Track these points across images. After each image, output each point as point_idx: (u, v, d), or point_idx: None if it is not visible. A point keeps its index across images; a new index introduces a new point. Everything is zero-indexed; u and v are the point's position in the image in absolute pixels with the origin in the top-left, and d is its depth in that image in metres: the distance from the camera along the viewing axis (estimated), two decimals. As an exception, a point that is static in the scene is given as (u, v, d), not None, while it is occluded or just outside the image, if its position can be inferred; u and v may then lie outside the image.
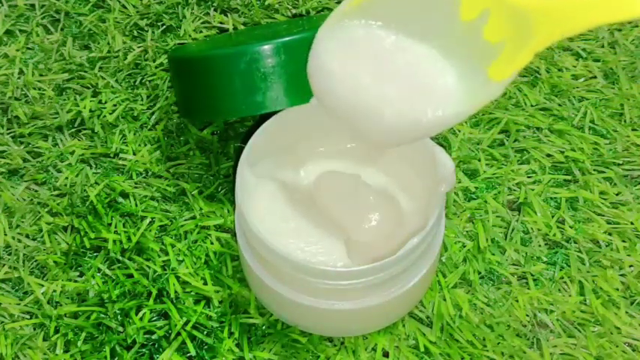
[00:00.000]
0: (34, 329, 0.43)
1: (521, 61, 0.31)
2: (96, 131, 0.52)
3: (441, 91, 0.33)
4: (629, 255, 0.45)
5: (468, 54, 0.32)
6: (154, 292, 0.44)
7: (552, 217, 0.47)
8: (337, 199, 0.42)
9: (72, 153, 0.50)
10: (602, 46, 0.57)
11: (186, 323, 0.42)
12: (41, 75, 0.55)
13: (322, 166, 0.44)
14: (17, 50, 0.57)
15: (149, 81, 0.55)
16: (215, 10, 0.59)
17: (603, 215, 0.47)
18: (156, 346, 0.42)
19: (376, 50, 0.34)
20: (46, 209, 0.48)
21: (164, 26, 0.58)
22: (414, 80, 0.34)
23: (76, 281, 0.45)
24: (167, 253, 0.45)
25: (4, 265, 0.45)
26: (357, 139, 0.38)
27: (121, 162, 0.50)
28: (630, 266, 0.45)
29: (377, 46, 0.34)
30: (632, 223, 0.46)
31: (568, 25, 0.28)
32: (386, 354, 0.42)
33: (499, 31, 0.31)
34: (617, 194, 0.48)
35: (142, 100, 0.54)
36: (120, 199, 0.48)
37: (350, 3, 0.34)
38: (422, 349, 0.41)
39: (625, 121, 0.52)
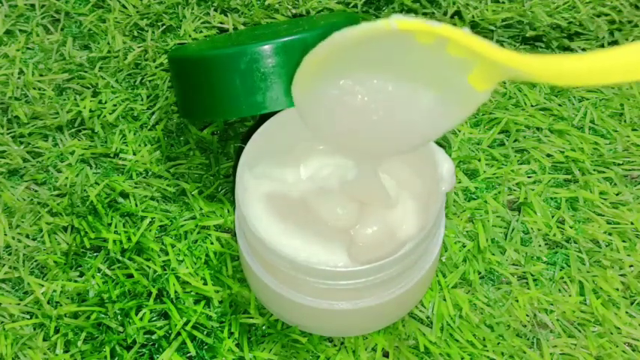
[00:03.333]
0: (34, 329, 0.43)
1: (499, 75, 0.31)
2: (96, 131, 0.52)
3: (428, 115, 0.34)
4: (629, 255, 0.45)
5: (442, 70, 0.32)
6: (154, 292, 0.44)
7: (552, 217, 0.47)
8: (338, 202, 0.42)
9: (72, 153, 0.50)
10: (602, 46, 0.57)
11: (186, 323, 0.42)
12: (41, 75, 0.55)
13: (322, 166, 0.44)
14: (17, 50, 0.57)
15: (149, 81, 0.55)
16: (215, 10, 0.59)
17: (603, 215, 0.47)
18: (156, 346, 0.42)
19: (355, 103, 0.35)
20: (46, 209, 0.48)
21: (164, 26, 0.58)
22: (402, 116, 0.34)
23: (76, 281, 0.45)
24: (167, 253, 0.45)
25: (4, 265, 0.45)
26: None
27: (121, 162, 0.50)
28: (630, 266, 0.45)
29: (354, 99, 0.35)
30: (632, 223, 0.46)
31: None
32: (386, 354, 0.42)
33: (462, 51, 0.31)
34: (617, 194, 0.48)
35: (142, 100, 0.54)
36: (120, 199, 0.48)
37: (308, 67, 0.34)
38: (422, 349, 0.41)
39: (625, 121, 0.52)
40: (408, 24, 0.30)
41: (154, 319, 0.43)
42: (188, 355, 0.42)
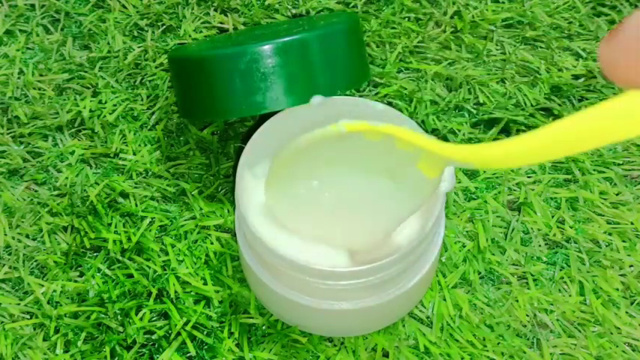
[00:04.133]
0: (34, 329, 0.43)
1: (442, 164, 0.33)
2: (96, 131, 0.52)
3: (390, 203, 0.37)
4: (629, 255, 0.45)
5: (395, 161, 0.35)
6: (154, 292, 0.44)
7: (552, 217, 0.47)
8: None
9: (72, 153, 0.51)
10: (602, 46, 0.57)
11: (186, 323, 0.42)
12: (41, 75, 0.55)
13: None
14: (17, 50, 0.57)
15: (149, 81, 0.55)
16: (215, 10, 0.59)
17: (603, 215, 0.47)
18: (156, 346, 0.42)
19: (323, 199, 0.39)
20: (46, 209, 0.48)
21: (164, 26, 0.58)
22: (367, 206, 0.38)
23: (76, 281, 0.45)
24: (167, 253, 0.45)
25: (4, 265, 0.45)
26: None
27: (121, 162, 0.50)
28: (630, 266, 0.45)
29: (321, 196, 0.39)
30: (632, 223, 0.46)
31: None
32: (386, 354, 0.42)
33: (406, 145, 0.34)
34: (617, 194, 0.48)
35: (142, 100, 0.54)
36: (120, 199, 0.48)
37: (275, 171, 0.38)
38: (422, 349, 0.41)
39: (625, 121, 0.52)
40: (354, 126, 0.34)
41: (154, 319, 0.43)
42: (188, 355, 0.42)
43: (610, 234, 0.46)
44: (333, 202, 0.39)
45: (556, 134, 0.24)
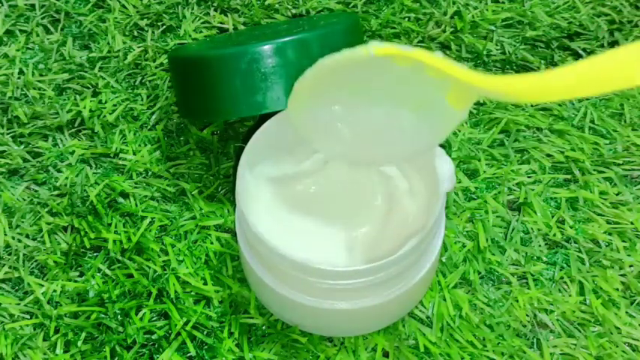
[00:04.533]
0: (34, 329, 0.43)
1: (472, 96, 0.33)
2: (96, 131, 0.52)
3: (414, 130, 0.36)
4: (629, 255, 0.45)
5: (422, 90, 0.35)
6: (154, 292, 0.44)
7: (552, 217, 0.47)
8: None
9: (72, 153, 0.50)
10: (602, 46, 0.57)
11: (186, 323, 0.42)
12: (41, 75, 0.55)
13: (322, 166, 0.44)
14: (17, 50, 0.57)
15: (149, 81, 0.55)
16: (215, 10, 0.59)
17: (603, 215, 0.47)
18: (156, 346, 0.42)
19: (347, 125, 0.38)
20: (46, 209, 0.48)
21: (164, 26, 0.58)
22: (390, 134, 0.37)
23: (76, 281, 0.45)
24: (167, 253, 0.45)
25: (4, 265, 0.45)
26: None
27: (121, 162, 0.50)
28: (630, 266, 0.45)
29: (345, 122, 0.38)
30: (632, 223, 0.46)
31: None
32: (386, 354, 0.42)
33: (436, 72, 0.33)
34: (617, 194, 0.48)
35: (142, 100, 0.54)
36: (120, 199, 0.48)
37: (300, 91, 0.37)
38: (422, 349, 0.41)
39: (625, 121, 0.52)
40: (384, 50, 0.33)
41: (154, 319, 0.43)
42: (188, 355, 0.42)
43: (610, 234, 0.46)
44: (353, 129, 0.37)
45: (588, 70, 0.24)
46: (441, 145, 0.39)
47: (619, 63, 0.23)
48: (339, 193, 0.43)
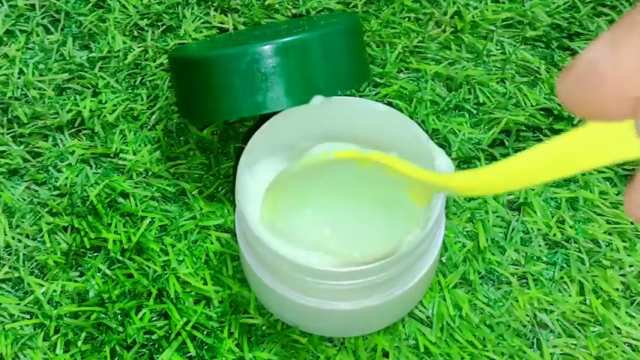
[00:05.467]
0: (34, 329, 0.43)
1: (429, 192, 0.35)
2: (96, 131, 0.52)
3: (382, 228, 0.39)
4: (629, 255, 0.45)
5: (385, 188, 0.36)
6: (154, 292, 0.44)
7: (552, 217, 0.47)
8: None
9: (72, 153, 0.50)
10: (602, 46, 0.57)
11: (186, 323, 0.42)
12: (41, 75, 0.55)
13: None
14: (17, 50, 0.57)
15: (149, 81, 0.55)
16: (215, 10, 0.59)
17: (603, 215, 0.47)
18: (156, 346, 0.42)
19: (321, 224, 0.40)
20: (46, 209, 0.48)
21: (164, 26, 0.58)
22: (364, 230, 0.39)
23: (76, 281, 0.45)
24: (167, 253, 0.45)
25: (4, 265, 0.45)
26: None
27: (121, 162, 0.50)
28: (630, 266, 0.45)
29: (312, 224, 0.40)
30: (632, 223, 0.46)
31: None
32: (386, 354, 0.42)
33: (395, 173, 0.35)
34: (617, 194, 0.48)
35: (142, 100, 0.54)
36: (120, 199, 0.48)
37: (270, 198, 0.39)
38: (422, 350, 0.41)
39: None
40: (343, 154, 0.36)
41: (154, 319, 0.43)
42: (188, 355, 0.42)
43: (610, 234, 0.46)
44: (326, 229, 0.40)
45: (526, 163, 0.25)
46: (441, 145, 0.39)
47: (549, 156, 0.23)
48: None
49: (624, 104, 0.18)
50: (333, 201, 0.39)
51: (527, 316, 0.43)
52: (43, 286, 0.44)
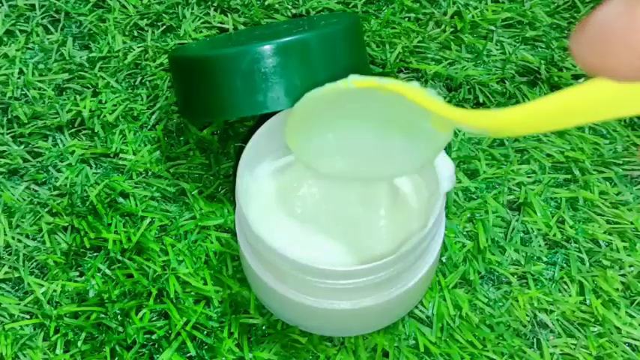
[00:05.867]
0: (34, 329, 0.43)
1: (452, 113, 0.34)
2: (96, 131, 0.52)
3: (403, 152, 0.38)
4: (629, 255, 0.45)
5: (408, 115, 0.36)
6: (154, 292, 0.44)
7: (552, 217, 0.47)
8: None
9: (72, 153, 0.50)
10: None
11: (186, 323, 0.42)
12: (41, 75, 0.55)
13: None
14: (17, 50, 0.57)
15: (149, 81, 0.55)
16: (215, 10, 0.59)
17: (603, 215, 0.47)
18: (156, 346, 0.42)
19: (342, 149, 0.40)
20: (46, 209, 0.48)
21: (164, 26, 0.58)
22: (383, 155, 0.39)
23: (76, 281, 0.45)
24: (167, 253, 0.45)
25: (4, 265, 0.45)
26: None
27: (121, 162, 0.50)
28: (630, 266, 0.45)
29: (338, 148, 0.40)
30: (632, 223, 0.46)
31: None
32: (386, 354, 0.42)
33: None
34: (617, 194, 0.48)
35: (142, 100, 0.54)
36: (120, 199, 0.48)
37: (293, 123, 0.39)
38: (422, 349, 0.41)
39: (625, 121, 0.52)
40: (363, 82, 0.35)
41: (154, 319, 0.43)
42: (188, 355, 0.42)
43: (610, 234, 0.46)
44: (348, 152, 0.39)
45: (561, 102, 0.25)
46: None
47: (592, 94, 0.24)
48: (340, 193, 0.43)
49: (637, 63, 0.19)
50: (355, 126, 0.39)
51: (527, 316, 0.43)
52: (43, 286, 0.44)
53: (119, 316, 0.43)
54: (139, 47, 0.57)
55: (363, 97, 0.36)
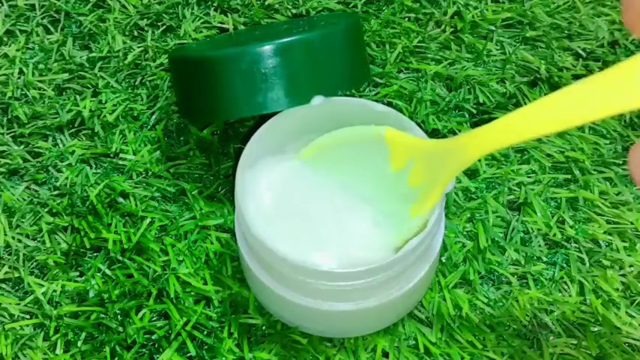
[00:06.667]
0: (34, 329, 0.43)
1: (434, 200, 0.37)
2: (96, 131, 0.52)
3: (369, 236, 0.40)
4: (629, 255, 0.45)
5: (395, 199, 0.39)
6: (154, 292, 0.44)
7: (552, 217, 0.47)
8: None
9: (72, 153, 0.50)
10: (602, 46, 0.57)
11: (186, 323, 0.42)
12: (41, 75, 0.55)
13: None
14: (17, 50, 0.57)
15: (149, 81, 0.55)
16: (215, 10, 0.59)
17: (603, 215, 0.47)
18: (156, 346, 0.42)
19: (315, 194, 0.42)
20: (46, 209, 0.48)
21: (164, 26, 0.58)
22: (347, 227, 0.41)
23: (76, 281, 0.45)
24: (167, 253, 0.45)
25: (4, 265, 0.45)
26: None
27: (121, 162, 0.50)
28: (630, 266, 0.45)
29: (316, 190, 0.42)
30: (632, 223, 0.46)
31: (477, 153, 0.33)
32: (386, 354, 0.42)
33: (420, 178, 0.37)
34: (617, 194, 0.48)
35: (142, 100, 0.54)
36: (120, 199, 0.48)
37: (306, 151, 0.43)
38: (422, 350, 0.41)
39: (625, 121, 0.52)
40: (394, 133, 0.38)
41: (154, 319, 0.43)
42: (188, 355, 0.42)
43: (610, 234, 0.46)
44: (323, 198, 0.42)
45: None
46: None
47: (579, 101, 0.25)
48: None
49: None
50: (348, 177, 0.41)
51: (527, 316, 0.43)
52: (43, 286, 0.44)
53: (119, 316, 0.43)
54: (139, 47, 0.57)
55: (375, 163, 0.39)
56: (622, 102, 0.24)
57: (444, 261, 0.45)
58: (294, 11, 0.59)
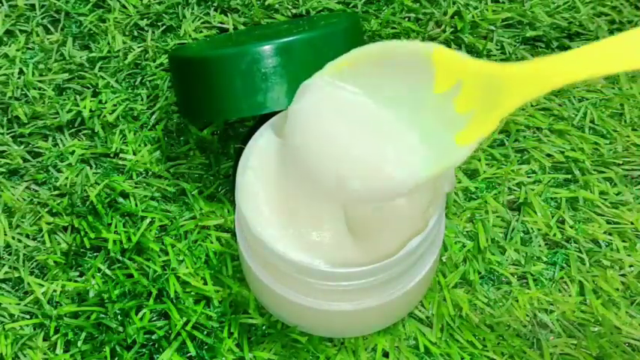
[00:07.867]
0: (34, 329, 0.43)
1: (488, 129, 0.33)
2: (96, 131, 0.52)
3: (407, 157, 0.36)
4: (629, 255, 0.45)
5: (438, 123, 0.35)
6: (154, 292, 0.44)
7: (552, 217, 0.47)
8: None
9: (72, 153, 0.50)
10: (602, 46, 0.57)
11: (186, 323, 0.42)
12: (41, 75, 0.55)
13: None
14: (17, 50, 0.57)
15: (149, 81, 0.55)
16: (215, 10, 0.59)
17: (603, 215, 0.47)
18: (156, 346, 0.42)
19: (352, 114, 0.38)
20: (46, 209, 0.48)
21: (164, 26, 0.58)
22: (382, 145, 0.36)
23: (76, 281, 0.45)
24: (167, 253, 0.45)
25: (4, 265, 0.45)
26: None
27: (121, 162, 0.50)
28: (630, 266, 0.45)
29: (353, 110, 0.38)
30: (632, 223, 0.46)
31: (543, 86, 0.31)
32: (386, 354, 0.42)
33: (469, 103, 0.34)
34: (617, 194, 0.48)
35: (142, 100, 0.54)
36: (120, 199, 0.48)
37: (332, 66, 0.39)
38: (422, 350, 0.41)
39: (625, 121, 0.52)
40: (445, 52, 0.34)
41: (154, 319, 0.43)
42: (188, 355, 0.42)
43: (610, 234, 0.46)
44: (358, 119, 0.38)
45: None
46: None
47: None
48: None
49: None
50: (385, 99, 0.37)
51: (527, 316, 0.43)
52: (43, 286, 0.44)
53: (119, 316, 0.43)
54: (139, 47, 0.57)
55: (417, 82, 0.35)
56: None
57: (444, 261, 0.45)
58: (294, 11, 0.59)
